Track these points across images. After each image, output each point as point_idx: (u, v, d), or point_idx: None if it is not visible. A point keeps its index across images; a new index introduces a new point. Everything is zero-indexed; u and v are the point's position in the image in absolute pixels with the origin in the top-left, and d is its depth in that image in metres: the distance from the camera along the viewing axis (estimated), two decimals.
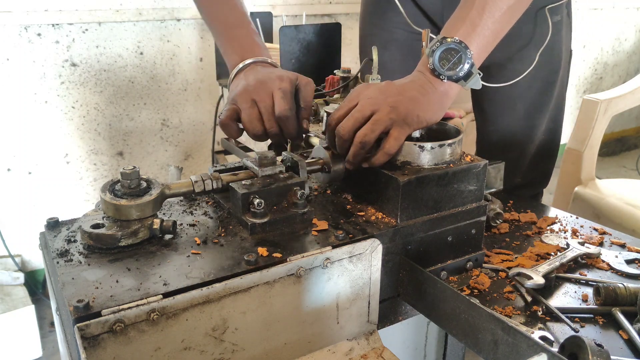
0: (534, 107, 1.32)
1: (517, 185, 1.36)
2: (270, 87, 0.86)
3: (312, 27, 1.44)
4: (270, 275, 0.66)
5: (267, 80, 0.86)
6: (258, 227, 0.75)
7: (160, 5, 2.24)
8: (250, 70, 0.92)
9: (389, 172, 0.79)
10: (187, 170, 2.54)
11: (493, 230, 1.00)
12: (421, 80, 0.84)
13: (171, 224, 0.73)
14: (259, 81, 0.87)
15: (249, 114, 0.86)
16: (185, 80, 2.41)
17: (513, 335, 0.62)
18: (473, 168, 0.82)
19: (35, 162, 2.16)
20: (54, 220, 0.76)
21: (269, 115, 0.86)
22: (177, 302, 0.59)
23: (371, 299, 0.76)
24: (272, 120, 0.86)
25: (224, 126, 0.87)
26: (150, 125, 2.39)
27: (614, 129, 4.34)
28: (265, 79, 0.87)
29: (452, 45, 0.82)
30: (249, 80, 0.88)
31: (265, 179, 0.80)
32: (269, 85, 0.86)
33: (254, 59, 0.93)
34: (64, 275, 0.64)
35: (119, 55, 2.23)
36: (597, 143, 1.86)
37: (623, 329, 0.73)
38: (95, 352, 0.56)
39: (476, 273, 0.86)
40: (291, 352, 0.71)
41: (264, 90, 0.86)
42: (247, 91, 0.87)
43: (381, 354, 0.77)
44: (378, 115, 0.79)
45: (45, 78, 2.10)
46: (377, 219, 0.79)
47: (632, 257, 0.91)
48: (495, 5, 0.83)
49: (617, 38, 4.11)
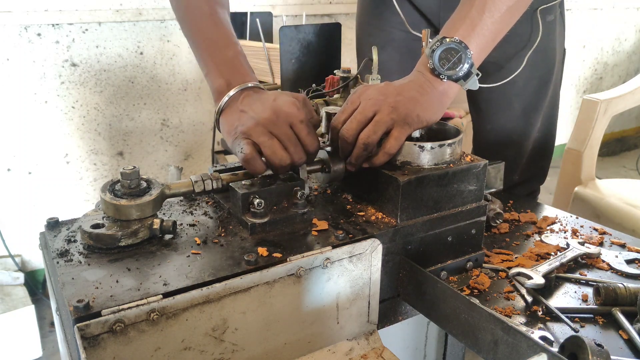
0: (531, 105, 1.34)
1: (514, 182, 1.38)
2: (288, 118, 0.78)
3: (312, 27, 1.44)
4: (270, 275, 0.66)
5: (280, 111, 0.78)
6: (258, 227, 0.75)
7: (160, 5, 2.24)
8: (247, 98, 0.83)
9: (389, 172, 0.79)
10: (187, 170, 2.54)
11: (493, 230, 1.00)
12: (420, 80, 0.84)
13: (171, 224, 0.73)
14: (273, 112, 0.78)
15: (270, 146, 0.77)
16: (185, 80, 2.41)
17: (513, 335, 0.62)
18: (473, 168, 0.82)
19: (35, 162, 2.16)
20: (54, 220, 0.76)
21: (295, 145, 0.79)
22: (177, 302, 0.59)
23: (371, 299, 0.76)
24: (299, 151, 0.79)
25: (249, 161, 0.77)
26: (150, 125, 2.38)
27: (614, 129, 4.34)
28: (277, 109, 0.78)
29: (452, 45, 0.83)
30: (258, 112, 0.79)
31: (265, 179, 0.80)
32: (285, 116, 0.78)
33: (244, 85, 0.84)
34: (64, 275, 0.64)
35: (119, 55, 2.23)
36: (597, 143, 1.86)
37: (623, 329, 0.73)
38: (95, 352, 0.56)
39: (476, 273, 0.86)
40: (291, 352, 0.71)
41: (282, 122, 0.78)
42: (262, 124, 0.78)
43: (381, 354, 0.77)
44: (379, 116, 0.79)
45: (45, 78, 2.10)
46: (377, 219, 0.79)
47: (632, 257, 0.91)
48: (495, 5, 0.84)
49: (617, 38, 4.11)
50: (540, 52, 1.27)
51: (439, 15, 1.30)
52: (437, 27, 1.31)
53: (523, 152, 1.38)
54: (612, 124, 3.88)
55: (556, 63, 1.33)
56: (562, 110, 4.43)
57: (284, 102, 0.79)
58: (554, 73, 1.34)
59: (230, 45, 0.89)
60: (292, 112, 0.78)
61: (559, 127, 1.46)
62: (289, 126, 0.78)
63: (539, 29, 1.24)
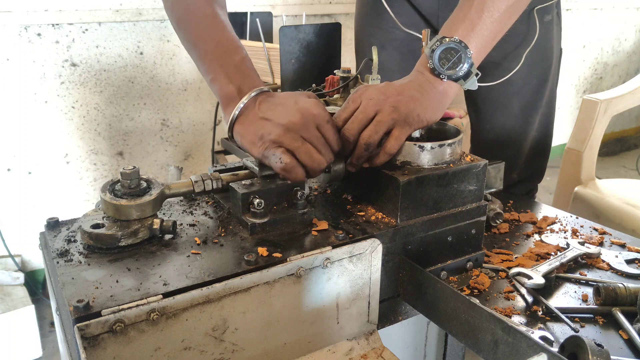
0: (529, 104, 1.35)
1: (513, 181, 1.39)
2: (316, 120, 0.77)
3: (312, 27, 1.44)
4: (270, 275, 0.66)
5: (307, 114, 0.77)
6: (258, 227, 0.75)
7: (160, 5, 2.23)
8: (263, 103, 0.80)
9: (389, 172, 0.79)
10: (187, 170, 2.54)
11: (493, 230, 1.00)
12: (420, 80, 0.84)
13: (171, 224, 0.73)
14: (302, 116, 0.76)
15: (307, 151, 0.76)
16: (185, 80, 2.41)
17: (513, 335, 0.62)
18: (473, 168, 0.82)
19: (35, 162, 2.16)
20: (54, 220, 0.76)
21: (326, 148, 0.78)
22: (177, 302, 0.59)
23: (371, 299, 0.76)
24: (330, 152, 0.79)
25: (290, 170, 0.75)
26: (150, 125, 2.38)
27: (614, 129, 4.34)
28: (304, 112, 0.77)
29: (451, 44, 0.83)
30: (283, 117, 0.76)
31: (265, 179, 0.80)
32: (313, 119, 0.77)
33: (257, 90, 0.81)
34: (64, 275, 0.64)
35: (119, 55, 2.23)
36: (597, 143, 1.86)
37: (623, 329, 0.73)
38: (95, 352, 0.56)
39: (476, 273, 0.86)
40: (291, 352, 0.71)
41: (311, 125, 0.77)
42: (293, 130, 0.76)
43: (381, 354, 0.77)
44: (381, 116, 0.79)
45: (45, 78, 2.10)
46: (377, 219, 0.79)
47: (632, 257, 0.91)
48: (494, 5, 0.84)
49: (617, 38, 4.11)
50: (538, 52, 1.28)
51: (438, 16, 1.31)
52: (436, 27, 1.32)
53: (521, 151, 1.38)
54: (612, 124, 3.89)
55: (553, 62, 1.35)
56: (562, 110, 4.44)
57: (310, 104, 0.78)
58: (551, 72, 1.35)
59: (237, 50, 0.85)
60: (319, 114, 0.77)
61: (559, 127, 1.47)
62: (316, 129, 0.77)
63: (535, 28, 1.25)
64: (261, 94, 0.81)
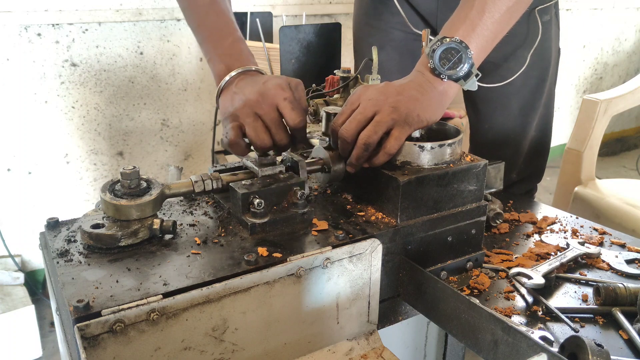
0: (528, 104, 1.35)
1: (513, 181, 1.39)
2: (273, 99, 0.81)
3: (312, 27, 1.45)
4: (270, 275, 0.66)
5: (266, 92, 0.82)
6: (258, 227, 0.75)
7: (160, 5, 2.24)
8: (241, 81, 0.86)
9: (389, 172, 0.79)
10: (187, 170, 2.54)
11: (493, 230, 1.00)
12: (420, 80, 0.84)
13: (171, 224, 0.73)
14: (259, 93, 0.82)
15: (254, 128, 0.81)
16: (185, 80, 2.41)
17: (513, 335, 0.62)
18: (473, 168, 0.82)
19: (35, 162, 2.16)
20: (54, 220, 0.76)
21: (277, 127, 0.82)
22: (177, 302, 0.59)
23: (371, 299, 0.76)
24: (281, 132, 0.82)
25: (233, 145, 0.81)
26: (150, 125, 2.39)
27: (614, 129, 4.34)
28: (264, 90, 0.82)
29: (452, 44, 0.83)
30: (247, 94, 0.83)
31: (265, 179, 0.80)
32: (271, 97, 0.81)
33: (242, 69, 0.88)
34: (64, 275, 0.64)
35: (119, 55, 2.23)
36: (597, 143, 1.86)
37: (623, 329, 0.73)
38: (95, 352, 0.56)
39: (476, 273, 0.86)
40: (291, 352, 0.71)
41: (267, 103, 0.81)
42: (249, 105, 0.82)
43: (381, 354, 0.77)
44: (380, 116, 0.79)
45: (45, 78, 2.10)
46: (377, 219, 0.79)
47: (632, 257, 0.91)
48: (495, 6, 0.84)
49: (617, 38, 4.11)
50: (537, 52, 1.28)
51: (437, 16, 1.31)
52: (435, 28, 1.32)
53: (521, 150, 1.39)
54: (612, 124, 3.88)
55: (552, 62, 1.35)
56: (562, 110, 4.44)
57: (272, 84, 0.82)
58: (549, 72, 1.35)
59: (231, 33, 0.94)
60: (277, 93, 0.81)
61: (559, 127, 1.47)
62: (274, 108, 0.81)
63: (537, 28, 1.26)
64: (244, 72, 0.88)
